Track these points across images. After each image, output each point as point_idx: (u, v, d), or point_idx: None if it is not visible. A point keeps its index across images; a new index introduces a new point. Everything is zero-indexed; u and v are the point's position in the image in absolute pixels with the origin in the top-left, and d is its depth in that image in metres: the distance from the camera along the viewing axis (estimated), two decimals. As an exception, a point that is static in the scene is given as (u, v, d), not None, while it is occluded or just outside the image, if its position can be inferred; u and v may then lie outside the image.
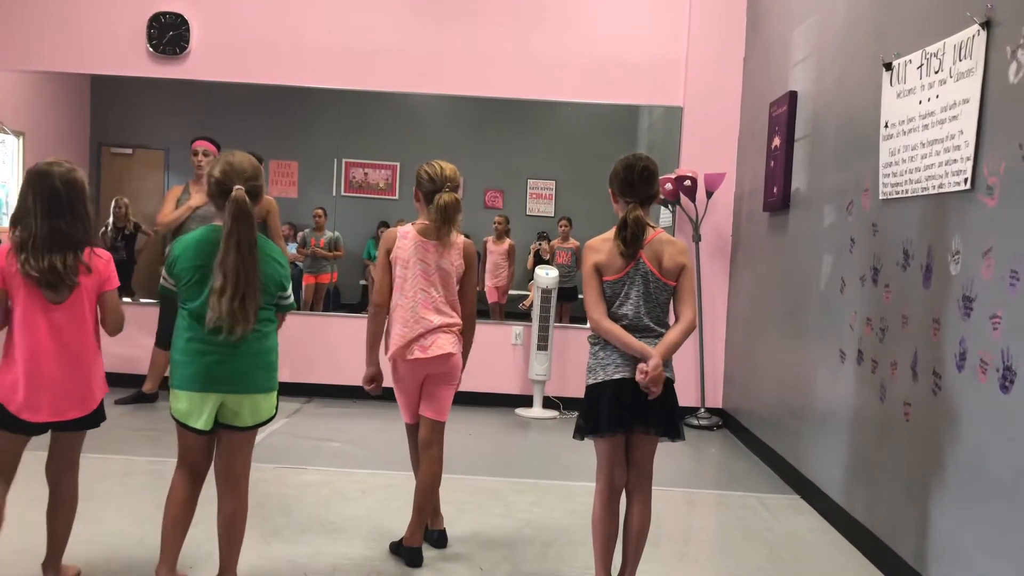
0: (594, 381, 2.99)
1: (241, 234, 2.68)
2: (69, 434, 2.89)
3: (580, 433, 3.02)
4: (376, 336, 3.50)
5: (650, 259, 2.96)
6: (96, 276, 2.83)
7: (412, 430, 3.56)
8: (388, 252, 3.43)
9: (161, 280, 2.85)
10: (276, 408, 2.93)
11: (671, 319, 3.05)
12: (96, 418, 2.90)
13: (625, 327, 2.95)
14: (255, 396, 2.81)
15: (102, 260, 2.86)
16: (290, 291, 2.92)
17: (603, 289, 2.98)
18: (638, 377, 2.89)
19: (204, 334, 2.73)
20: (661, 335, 2.98)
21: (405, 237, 3.40)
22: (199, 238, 2.80)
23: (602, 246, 2.99)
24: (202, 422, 2.78)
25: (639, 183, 2.97)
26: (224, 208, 2.71)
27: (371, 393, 3.58)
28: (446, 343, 3.39)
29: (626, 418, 2.93)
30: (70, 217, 2.76)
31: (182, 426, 2.82)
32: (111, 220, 7.48)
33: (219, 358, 2.75)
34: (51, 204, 2.73)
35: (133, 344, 6.46)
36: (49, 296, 2.75)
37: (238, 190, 2.70)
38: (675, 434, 3.00)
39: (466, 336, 3.51)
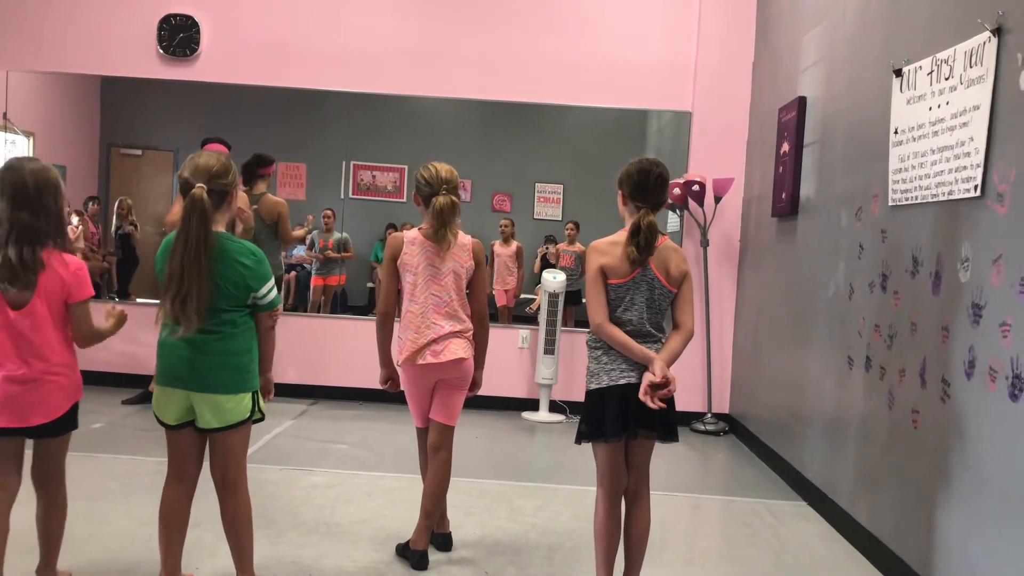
0: (597, 386, 2.96)
1: (191, 233, 2.64)
2: (48, 440, 2.82)
3: (583, 439, 3.01)
4: (386, 342, 3.50)
5: (657, 266, 2.95)
6: (59, 281, 2.72)
7: (422, 434, 3.56)
8: (394, 259, 3.41)
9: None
10: (255, 410, 2.85)
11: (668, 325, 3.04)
12: (61, 426, 2.79)
13: (628, 332, 2.93)
14: (216, 397, 2.75)
15: (69, 269, 2.74)
16: (266, 290, 2.81)
17: (607, 292, 2.98)
18: (655, 396, 2.85)
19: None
20: (660, 340, 2.98)
21: (412, 243, 3.39)
22: (171, 240, 2.76)
23: (609, 249, 2.97)
24: (169, 416, 2.78)
25: (653, 189, 2.96)
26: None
27: (389, 391, 3.60)
28: (458, 348, 3.39)
29: (631, 423, 2.92)
30: (35, 210, 2.68)
31: (158, 421, 2.82)
32: (116, 220, 7.56)
33: (184, 355, 2.73)
34: (17, 196, 2.67)
35: (139, 343, 6.49)
36: (11, 298, 2.68)
37: (198, 188, 2.67)
38: (671, 436, 2.99)
39: (479, 340, 3.50)
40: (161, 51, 6.73)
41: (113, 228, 7.58)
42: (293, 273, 8.01)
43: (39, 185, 2.70)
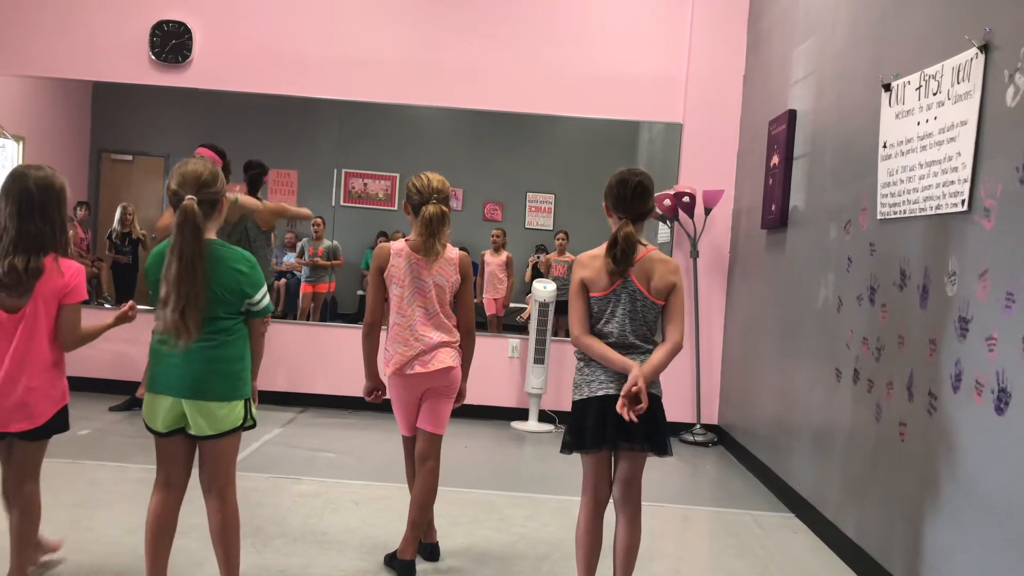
0: (580, 397, 2.98)
1: (184, 245, 2.63)
2: (24, 444, 2.83)
3: (567, 448, 3.02)
4: (372, 353, 3.48)
5: (638, 277, 2.93)
6: (56, 284, 2.78)
7: (409, 443, 3.55)
8: (380, 270, 3.40)
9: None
10: (248, 418, 2.84)
11: (659, 337, 3.04)
12: (47, 431, 2.84)
13: (611, 345, 2.93)
14: (209, 404, 2.73)
15: (70, 270, 2.82)
16: (260, 296, 2.80)
17: (589, 305, 2.97)
18: (619, 407, 2.83)
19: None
20: (648, 352, 2.96)
21: (399, 255, 3.38)
22: (161, 250, 2.76)
23: (591, 262, 2.97)
24: (159, 424, 2.76)
25: (632, 199, 2.94)
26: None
27: (374, 403, 3.62)
28: (446, 357, 3.39)
29: (610, 434, 2.92)
30: (40, 220, 2.76)
31: (147, 429, 2.81)
32: (117, 226, 7.55)
33: (176, 362, 2.71)
34: (22, 206, 2.75)
35: (127, 348, 6.47)
36: (6, 303, 2.73)
37: (188, 200, 2.66)
38: (662, 449, 2.98)
39: (466, 350, 3.50)
40: (153, 57, 6.73)
41: (118, 234, 7.58)
42: (283, 280, 7.99)
43: (44, 194, 2.79)
